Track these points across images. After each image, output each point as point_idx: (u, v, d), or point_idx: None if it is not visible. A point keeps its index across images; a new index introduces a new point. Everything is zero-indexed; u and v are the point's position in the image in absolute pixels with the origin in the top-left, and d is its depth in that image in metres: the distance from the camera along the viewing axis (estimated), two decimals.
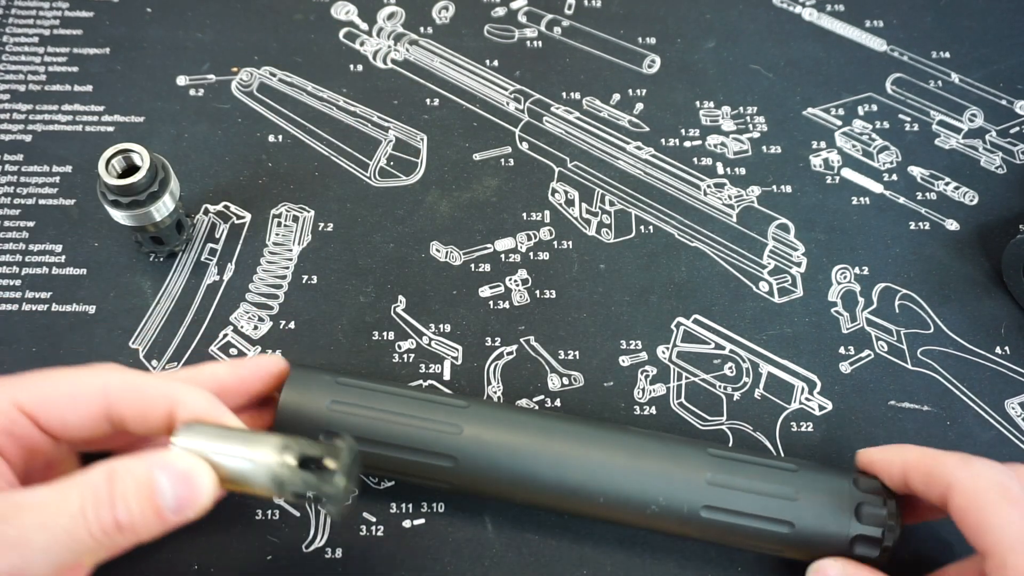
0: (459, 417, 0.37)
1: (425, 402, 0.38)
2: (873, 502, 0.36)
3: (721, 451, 0.38)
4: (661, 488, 0.37)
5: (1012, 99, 0.53)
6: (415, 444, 0.37)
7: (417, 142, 0.51)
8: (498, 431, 0.37)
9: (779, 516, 0.36)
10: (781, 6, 0.57)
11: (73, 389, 0.31)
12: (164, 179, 0.43)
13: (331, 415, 0.37)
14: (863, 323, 0.46)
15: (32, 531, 0.28)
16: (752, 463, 0.37)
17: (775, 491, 0.36)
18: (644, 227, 0.49)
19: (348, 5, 0.56)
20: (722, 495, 0.36)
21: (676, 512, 0.37)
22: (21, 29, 0.54)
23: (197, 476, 0.30)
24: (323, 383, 0.38)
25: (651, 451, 0.37)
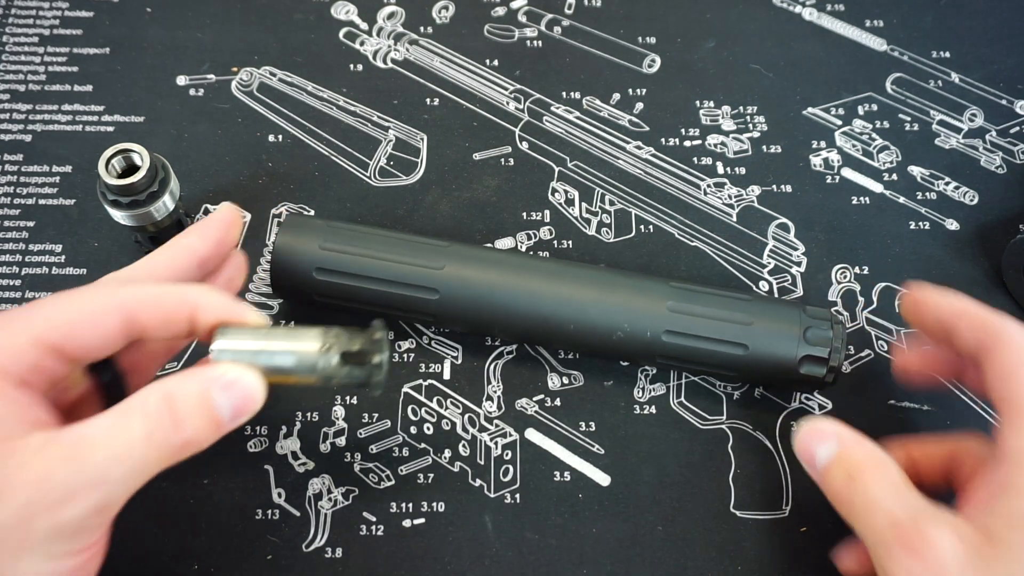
0: (441, 256, 0.41)
1: (409, 242, 0.42)
2: (820, 326, 0.40)
3: (681, 284, 0.41)
4: (626, 316, 0.40)
5: (1012, 99, 0.53)
6: (401, 279, 0.41)
7: (417, 142, 0.51)
8: (477, 268, 0.41)
9: (734, 339, 0.40)
10: (781, 6, 0.57)
11: (91, 312, 0.31)
12: (164, 179, 0.43)
13: (323, 255, 0.41)
14: (863, 323, 0.46)
15: (110, 466, 0.28)
16: (710, 294, 0.41)
17: (731, 317, 0.40)
18: (644, 227, 0.49)
19: (348, 5, 0.56)
20: (682, 321, 0.40)
21: (640, 337, 0.40)
22: (21, 29, 0.54)
23: (249, 384, 0.31)
24: (314, 226, 0.42)
25: (617, 283, 0.41)
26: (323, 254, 0.41)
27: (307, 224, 0.42)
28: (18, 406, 0.29)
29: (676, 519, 0.41)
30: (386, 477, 0.41)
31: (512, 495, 0.41)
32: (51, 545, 0.28)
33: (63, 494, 0.28)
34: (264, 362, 0.32)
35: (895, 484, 0.33)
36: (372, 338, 0.33)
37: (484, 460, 0.42)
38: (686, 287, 0.41)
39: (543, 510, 0.41)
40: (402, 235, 0.42)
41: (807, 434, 0.36)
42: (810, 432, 0.36)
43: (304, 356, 0.33)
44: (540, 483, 0.41)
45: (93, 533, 0.29)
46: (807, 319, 0.40)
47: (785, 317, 0.40)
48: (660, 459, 0.42)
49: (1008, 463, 0.32)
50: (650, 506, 0.41)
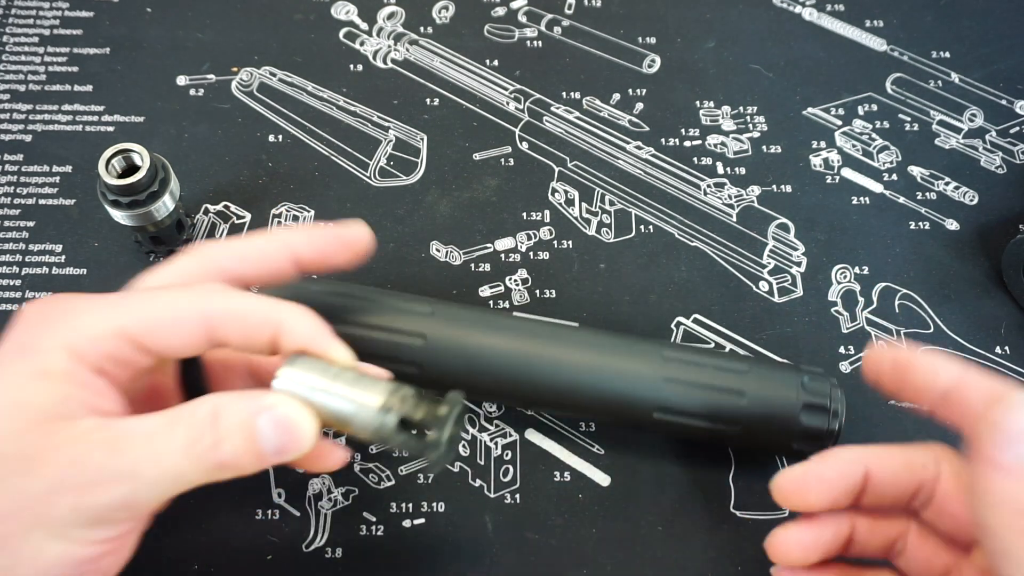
0: (423, 323, 0.39)
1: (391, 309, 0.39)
2: (817, 407, 0.38)
3: (675, 352, 0.39)
4: (617, 397, 0.38)
5: (1012, 99, 0.53)
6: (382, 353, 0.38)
7: (417, 142, 0.51)
8: (460, 332, 0.39)
9: (728, 418, 0.38)
10: (781, 6, 0.57)
11: (176, 314, 0.31)
12: (164, 179, 0.43)
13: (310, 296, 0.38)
14: (863, 323, 0.46)
15: (144, 463, 0.28)
16: (704, 366, 0.39)
17: (725, 395, 0.38)
18: (644, 227, 0.49)
19: (348, 5, 0.56)
20: (673, 401, 0.38)
21: (631, 414, 0.39)
22: (21, 29, 0.54)
23: (298, 423, 0.30)
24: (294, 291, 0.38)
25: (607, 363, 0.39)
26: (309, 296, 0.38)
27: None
28: (85, 391, 0.29)
29: (676, 519, 0.41)
30: (386, 477, 0.41)
31: (512, 495, 0.41)
32: (69, 527, 0.28)
33: (92, 478, 0.28)
34: (321, 401, 0.31)
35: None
36: (436, 412, 0.31)
37: (484, 460, 0.42)
38: (680, 357, 0.39)
39: (543, 510, 0.41)
40: (384, 299, 0.39)
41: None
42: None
43: (362, 409, 0.30)
44: (540, 483, 0.41)
45: (114, 528, 0.29)
46: (805, 395, 0.38)
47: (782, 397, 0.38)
48: (660, 459, 0.42)
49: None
50: (650, 506, 0.41)
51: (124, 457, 0.28)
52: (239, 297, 0.32)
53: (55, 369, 0.29)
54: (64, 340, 0.29)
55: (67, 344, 0.29)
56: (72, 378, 0.29)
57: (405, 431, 0.31)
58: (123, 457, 0.28)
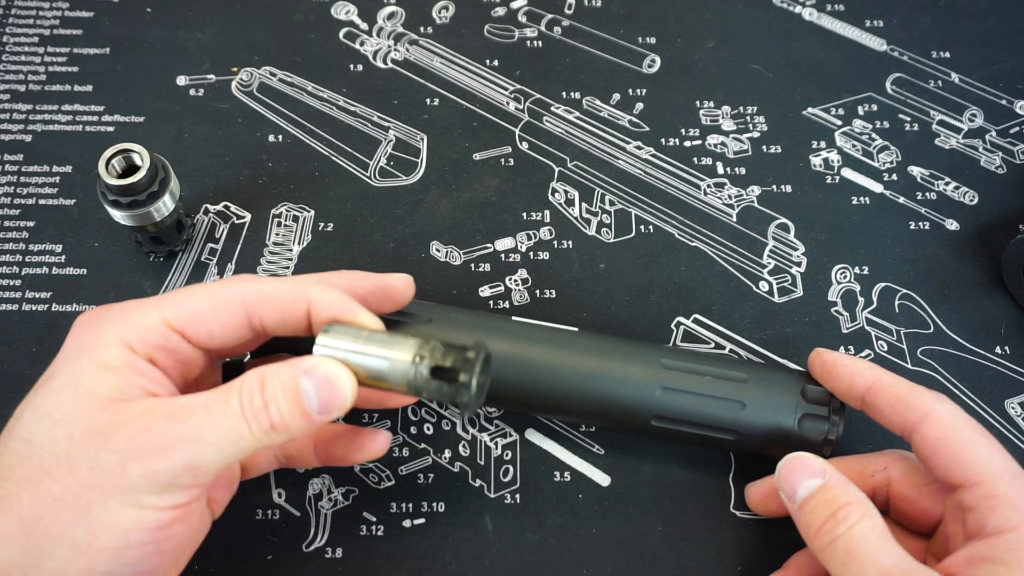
0: (424, 330, 0.39)
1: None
2: (817, 422, 0.38)
3: (673, 360, 0.39)
4: (615, 401, 0.38)
5: (1012, 99, 0.53)
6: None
7: (417, 142, 0.51)
8: (460, 335, 0.38)
9: (726, 426, 0.38)
10: (781, 6, 0.57)
11: (215, 303, 0.34)
12: (164, 179, 0.43)
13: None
14: (863, 323, 0.46)
15: (205, 429, 0.30)
16: (703, 374, 0.39)
17: (723, 404, 0.38)
18: (644, 227, 0.49)
19: (348, 5, 0.56)
20: (671, 408, 0.38)
21: (628, 420, 0.39)
22: (21, 29, 0.54)
23: (338, 380, 0.32)
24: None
25: (605, 369, 0.39)
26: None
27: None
28: (143, 377, 0.32)
29: (676, 519, 0.41)
30: (386, 477, 0.41)
31: (512, 495, 0.41)
32: (141, 493, 0.30)
33: (158, 444, 0.30)
34: (357, 361, 0.33)
35: (884, 535, 0.33)
36: (465, 357, 0.32)
37: (484, 460, 0.42)
38: (679, 365, 0.39)
39: (543, 510, 0.41)
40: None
41: (794, 465, 0.36)
42: (798, 463, 0.36)
43: (396, 363, 0.32)
44: (540, 483, 0.41)
45: (183, 493, 0.31)
46: (804, 404, 0.38)
47: (782, 405, 0.38)
48: (660, 459, 0.42)
49: (991, 536, 0.32)
50: (650, 506, 0.41)
51: (186, 424, 0.30)
52: (270, 281, 0.35)
53: (114, 361, 0.32)
54: (117, 335, 0.32)
55: (120, 338, 0.32)
56: (130, 367, 0.32)
57: (437, 379, 0.32)
58: (185, 424, 0.30)
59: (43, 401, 0.31)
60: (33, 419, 0.31)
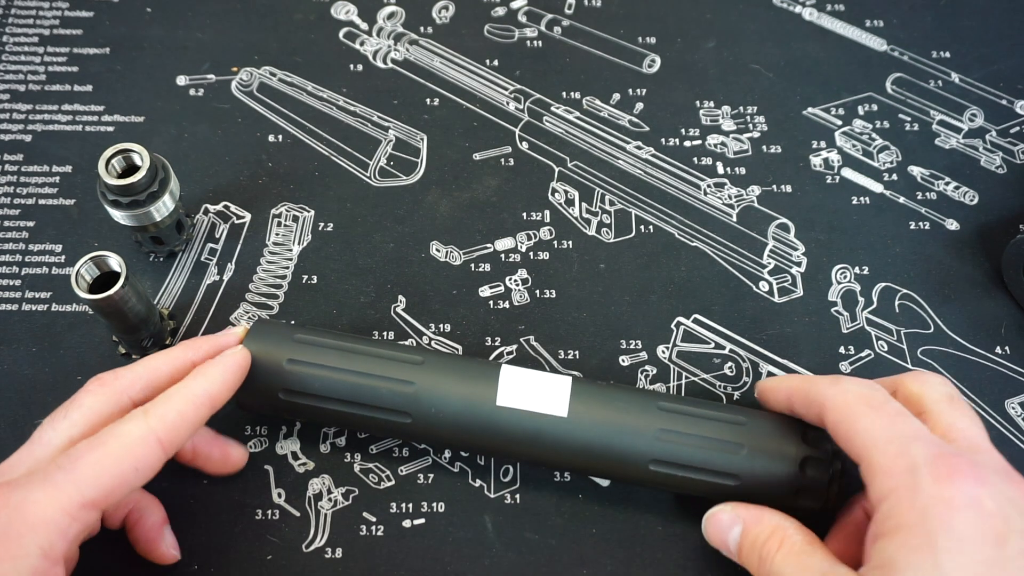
0: (414, 373, 0.38)
1: (381, 359, 0.39)
2: (818, 460, 0.37)
3: (670, 404, 0.38)
4: (612, 451, 0.38)
5: (1012, 99, 0.53)
6: (371, 401, 0.38)
7: (417, 142, 0.51)
8: (451, 384, 0.38)
9: (726, 469, 0.37)
10: (781, 6, 0.57)
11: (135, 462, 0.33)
12: (164, 179, 0.43)
13: (288, 375, 0.38)
14: (863, 323, 0.46)
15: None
16: (702, 417, 0.38)
17: (722, 446, 0.37)
18: (644, 227, 0.49)
19: (348, 5, 0.56)
20: (669, 449, 0.38)
21: (626, 467, 0.38)
22: (21, 29, 0.54)
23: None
24: (281, 340, 0.39)
25: (603, 414, 0.38)
26: (288, 374, 0.38)
27: (272, 339, 0.39)
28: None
29: (676, 519, 0.41)
30: (386, 477, 0.41)
31: (512, 495, 0.41)
32: None
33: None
34: None
35: (801, 553, 0.34)
36: None
37: (484, 460, 0.42)
38: (676, 408, 0.38)
39: (543, 510, 0.41)
40: (373, 349, 0.39)
41: (713, 525, 0.37)
42: (714, 523, 0.37)
43: None
44: (540, 483, 0.41)
45: None
46: (805, 448, 0.38)
47: (782, 453, 0.38)
48: None
49: (876, 511, 0.32)
50: (650, 506, 0.41)
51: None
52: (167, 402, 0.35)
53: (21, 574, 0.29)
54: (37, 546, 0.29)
55: (41, 551, 0.30)
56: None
57: None
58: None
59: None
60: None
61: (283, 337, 0.39)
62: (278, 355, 0.38)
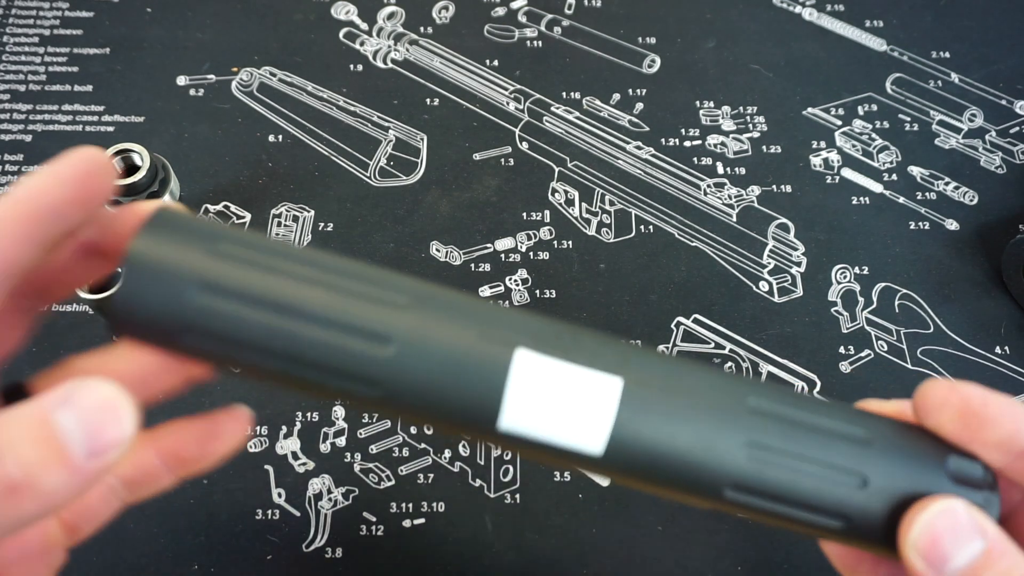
0: (395, 317, 0.24)
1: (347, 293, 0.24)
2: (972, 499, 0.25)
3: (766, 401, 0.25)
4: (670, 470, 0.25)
5: (1012, 99, 0.53)
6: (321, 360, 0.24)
7: (417, 142, 0.51)
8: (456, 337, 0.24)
9: (833, 508, 0.25)
10: (781, 6, 0.57)
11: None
12: (164, 179, 0.43)
13: (196, 308, 0.23)
14: (863, 323, 0.46)
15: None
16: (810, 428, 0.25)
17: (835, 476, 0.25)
18: (644, 227, 0.49)
19: (348, 5, 0.56)
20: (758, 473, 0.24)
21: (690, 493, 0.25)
22: (21, 29, 0.54)
23: (113, 403, 0.21)
24: (194, 247, 0.23)
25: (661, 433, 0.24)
26: (200, 305, 0.23)
27: (183, 239, 0.24)
28: None
29: (676, 519, 0.41)
30: (386, 477, 0.41)
31: (512, 495, 0.41)
32: None
33: None
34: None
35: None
36: None
37: (484, 460, 0.42)
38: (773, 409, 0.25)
39: (543, 510, 0.41)
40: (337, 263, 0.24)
41: (947, 523, 0.24)
42: (949, 520, 0.24)
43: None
44: (540, 483, 0.41)
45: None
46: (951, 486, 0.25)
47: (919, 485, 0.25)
48: None
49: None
50: (650, 506, 0.41)
51: None
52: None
53: None
54: None
55: None
56: None
57: None
58: None
59: None
60: None
61: (199, 242, 0.24)
62: (185, 272, 0.23)
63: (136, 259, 0.23)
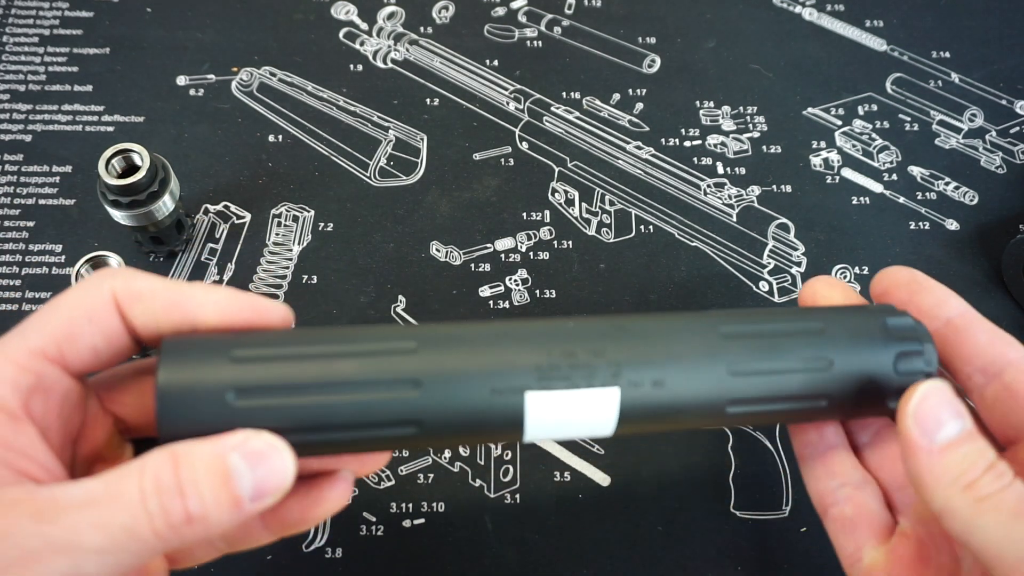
0: (411, 366, 0.27)
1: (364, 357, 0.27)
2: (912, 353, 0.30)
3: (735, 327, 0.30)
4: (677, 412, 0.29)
5: (1012, 99, 0.53)
6: (363, 422, 0.27)
7: (417, 142, 0.51)
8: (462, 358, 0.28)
9: (816, 393, 0.30)
10: (781, 6, 0.57)
11: (89, 310, 0.27)
12: (164, 179, 0.43)
13: (237, 412, 0.26)
14: None
15: (83, 531, 0.23)
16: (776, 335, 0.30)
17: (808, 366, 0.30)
18: (644, 227, 0.49)
19: (348, 5, 0.56)
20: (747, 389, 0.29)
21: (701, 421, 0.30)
22: (21, 29, 0.54)
23: (277, 454, 0.25)
24: (214, 362, 0.26)
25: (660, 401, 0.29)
26: (237, 410, 0.26)
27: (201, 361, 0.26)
28: (9, 449, 0.25)
29: (676, 519, 0.41)
30: (386, 477, 0.41)
31: (512, 495, 0.41)
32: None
33: (19, 555, 0.23)
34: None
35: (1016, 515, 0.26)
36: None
37: (484, 460, 0.42)
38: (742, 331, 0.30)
39: (543, 510, 0.41)
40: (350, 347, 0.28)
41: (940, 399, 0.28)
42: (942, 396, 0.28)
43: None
44: (540, 483, 0.41)
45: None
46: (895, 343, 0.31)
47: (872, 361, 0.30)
48: (660, 459, 0.42)
49: None
50: (650, 506, 0.41)
51: (56, 526, 0.23)
52: (137, 273, 0.28)
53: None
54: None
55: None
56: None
57: None
58: (55, 526, 0.23)
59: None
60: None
61: (216, 356, 0.26)
62: (216, 385, 0.26)
63: (166, 393, 0.26)
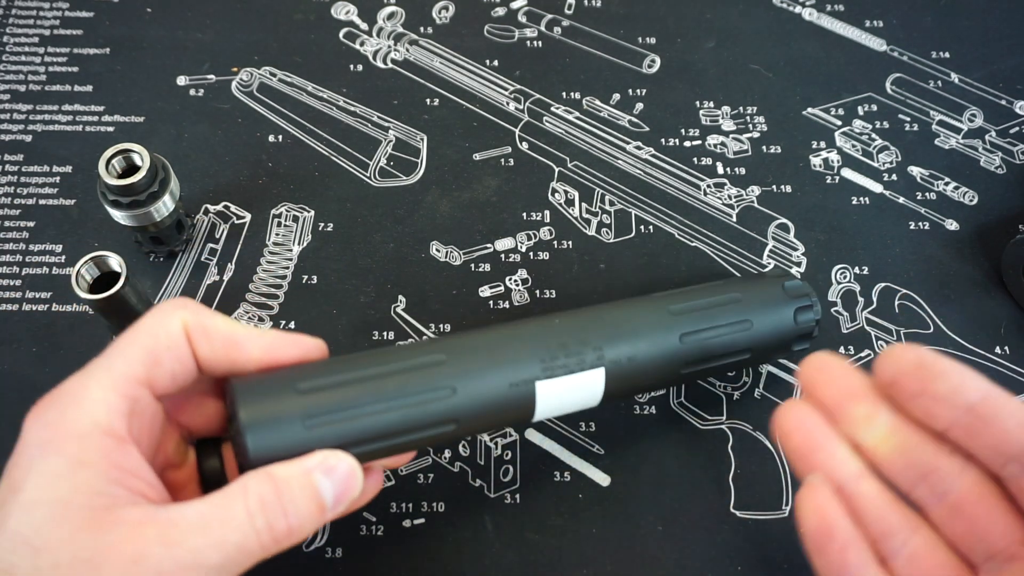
0: (446, 376, 0.34)
1: (405, 374, 0.33)
2: (806, 307, 0.41)
3: (677, 304, 0.39)
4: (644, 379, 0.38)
5: (1012, 99, 0.53)
6: (411, 427, 0.33)
7: (417, 142, 0.51)
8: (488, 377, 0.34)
9: (743, 347, 0.40)
10: (781, 6, 0.57)
11: (167, 339, 0.30)
12: (164, 179, 0.43)
13: (310, 434, 0.31)
14: (863, 323, 0.46)
15: (205, 552, 0.27)
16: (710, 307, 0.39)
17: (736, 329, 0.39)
18: (644, 227, 0.49)
19: (348, 5, 0.56)
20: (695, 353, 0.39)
21: (662, 383, 0.41)
22: (21, 29, 0.54)
23: (349, 467, 0.31)
24: (283, 395, 0.32)
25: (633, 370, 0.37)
26: (310, 434, 0.31)
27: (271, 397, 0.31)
28: (121, 471, 0.28)
29: (676, 519, 0.41)
30: (386, 477, 0.41)
31: (512, 495, 0.41)
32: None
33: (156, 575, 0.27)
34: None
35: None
36: None
37: (484, 460, 0.42)
38: (685, 307, 0.39)
39: (543, 510, 0.41)
40: (390, 367, 0.33)
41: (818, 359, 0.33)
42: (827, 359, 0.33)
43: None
44: (540, 483, 0.41)
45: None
46: (792, 300, 0.41)
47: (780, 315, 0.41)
48: (660, 459, 0.42)
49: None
50: (650, 506, 0.41)
51: (182, 548, 0.27)
52: (201, 307, 0.32)
53: (89, 455, 0.28)
54: (91, 420, 0.28)
55: (94, 423, 0.28)
56: (106, 459, 0.28)
57: None
58: (181, 548, 0.27)
59: (17, 525, 0.27)
60: (11, 547, 0.26)
61: (285, 391, 0.32)
62: (290, 415, 0.31)
63: (249, 426, 0.30)
